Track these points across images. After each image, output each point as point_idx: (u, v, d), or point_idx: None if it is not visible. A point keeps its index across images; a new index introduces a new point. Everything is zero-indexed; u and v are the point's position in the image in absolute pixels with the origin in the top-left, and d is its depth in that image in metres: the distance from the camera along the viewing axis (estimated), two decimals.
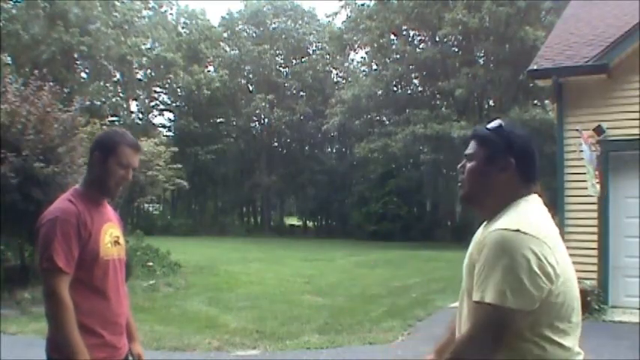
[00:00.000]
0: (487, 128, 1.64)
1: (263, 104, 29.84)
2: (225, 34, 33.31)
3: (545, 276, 1.41)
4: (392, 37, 27.02)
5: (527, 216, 1.50)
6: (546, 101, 16.85)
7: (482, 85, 23.58)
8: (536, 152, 1.64)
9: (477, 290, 1.46)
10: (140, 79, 32.22)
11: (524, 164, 1.59)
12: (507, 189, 1.58)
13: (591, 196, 7.41)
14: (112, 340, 2.18)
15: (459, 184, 1.68)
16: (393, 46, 26.78)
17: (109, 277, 2.18)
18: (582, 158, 7.46)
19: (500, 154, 1.58)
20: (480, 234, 1.60)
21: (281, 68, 33.20)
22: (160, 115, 34.27)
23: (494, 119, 1.70)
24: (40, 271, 2.06)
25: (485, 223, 1.63)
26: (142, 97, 32.19)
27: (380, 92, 27.03)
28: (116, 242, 2.25)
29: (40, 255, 2.05)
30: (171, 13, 33.97)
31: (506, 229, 1.45)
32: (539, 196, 1.64)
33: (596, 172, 7.32)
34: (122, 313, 2.27)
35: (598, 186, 7.28)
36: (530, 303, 1.40)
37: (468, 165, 1.64)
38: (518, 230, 1.43)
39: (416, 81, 28.29)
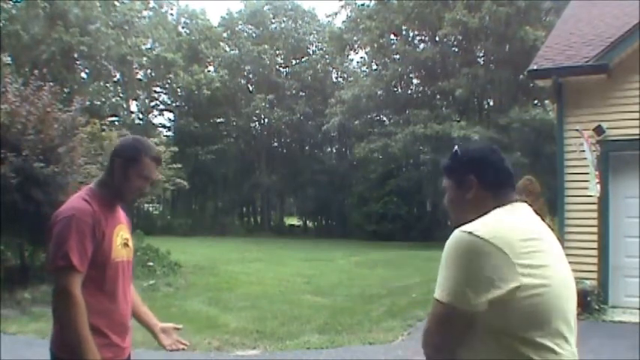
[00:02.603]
0: (448, 159, 1.72)
1: (263, 104, 29.83)
2: (225, 34, 33.29)
3: (485, 281, 1.37)
4: (392, 37, 27.00)
5: (489, 221, 1.48)
6: (546, 101, 16.78)
7: (482, 85, 23.56)
8: (498, 159, 1.63)
9: None
10: (140, 79, 32.18)
11: (485, 176, 1.60)
12: (481, 204, 1.58)
13: (591, 196, 7.42)
14: (118, 341, 2.18)
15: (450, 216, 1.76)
16: (393, 46, 26.76)
17: (118, 278, 2.18)
18: (584, 158, 7.46)
19: (462, 176, 1.64)
20: None
21: (281, 68, 33.17)
22: (160, 115, 34.27)
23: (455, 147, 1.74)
24: (52, 268, 2.02)
25: None
26: (142, 97, 32.14)
27: (380, 92, 26.99)
28: (126, 244, 2.24)
29: (53, 252, 2.01)
30: (171, 13, 34.01)
31: (460, 231, 1.47)
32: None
33: (597, 173, 7.33)
34: (128, 314, 2.28)
35: (598, 186, 7.29)
36: (465, 303, 1.38)
37: (445, 197, 1.73)
38: (469, 232, 1.44)
39: (416, 81, 28.27)
